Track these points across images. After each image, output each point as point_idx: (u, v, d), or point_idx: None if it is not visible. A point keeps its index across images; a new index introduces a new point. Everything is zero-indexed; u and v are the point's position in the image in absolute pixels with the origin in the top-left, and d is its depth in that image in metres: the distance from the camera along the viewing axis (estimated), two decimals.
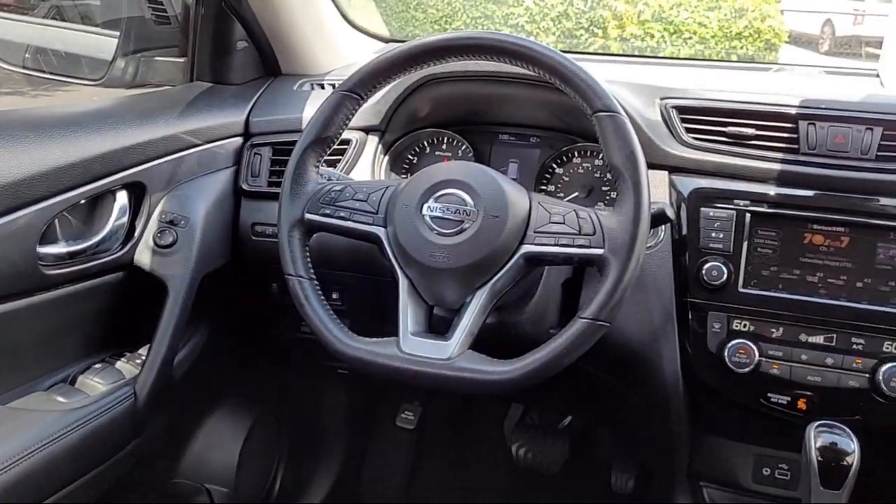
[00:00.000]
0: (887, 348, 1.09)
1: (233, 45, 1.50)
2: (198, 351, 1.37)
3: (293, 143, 1.09)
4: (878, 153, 1.12)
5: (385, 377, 0.99)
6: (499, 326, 1.14)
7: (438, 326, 1.01)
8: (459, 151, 1.38)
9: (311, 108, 1.34)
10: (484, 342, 0.97)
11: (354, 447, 1.91)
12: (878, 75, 1.46)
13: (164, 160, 1.25)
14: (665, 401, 1.21)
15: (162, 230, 1.24)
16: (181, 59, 1.54)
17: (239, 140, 1.39)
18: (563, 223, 0.96)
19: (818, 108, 1.15)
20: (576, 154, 1.32)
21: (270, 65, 1.56)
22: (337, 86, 1.08)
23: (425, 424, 1.88)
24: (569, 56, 0.98)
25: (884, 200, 1.12)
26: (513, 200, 0.98)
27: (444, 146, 1.39)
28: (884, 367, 1.07)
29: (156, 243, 1.24)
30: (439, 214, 0.99)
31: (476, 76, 1.29)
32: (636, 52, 3.87)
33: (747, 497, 1.33)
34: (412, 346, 0.97)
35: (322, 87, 1.47)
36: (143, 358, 1.23)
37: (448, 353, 0.95)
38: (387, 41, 1.80)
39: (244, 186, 1.36)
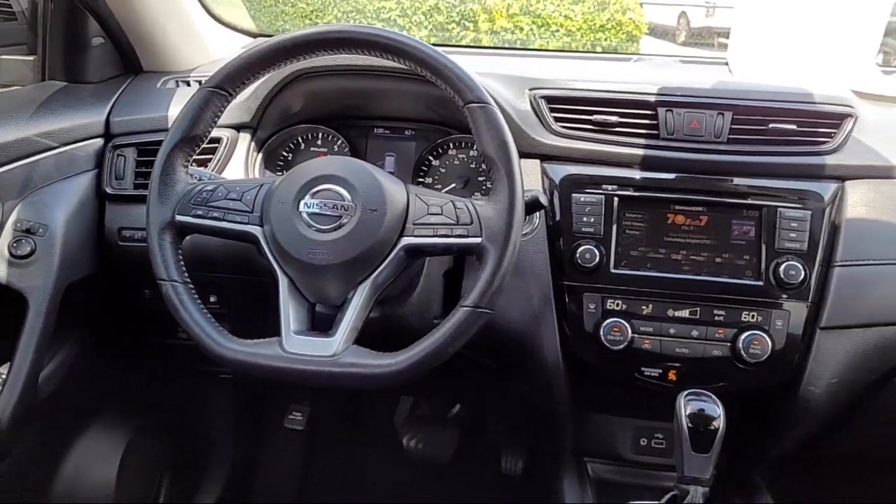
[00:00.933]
0: (745, 318, 1.17)
1: (87, 42, 1.42)
2: (66, 365, 1.29)
3: (159, 142, 1.04)
4: (730, 136, 1.20)
5: (269, 378, 0.97)
6: (383, 320, 1.15)
7: (321, 324, 1.00)
8: (335, 147, 1.37)
9: (177, 106, 1.29)
10: (369, 337, 0.97)
11: (243, 453, 1.86)
12: (727, 63, 1.55)
13: (16, 165, 1.17)
14: (548, 382, 1.25)
15: (18, 240, 1.16)
16: (31, 58, 1.44)
17: (99, 141, 1.32)
18: (441, 214, 0.97)
19: (674, 95, 1.22)
20: (451, 146, 1.34)
21: (130, 62, 1.48)
22: (203, 82, 1.04)
23: (315, 424, 1.86)
24: (440, 49, 0.99)
25: (737, 180, 1.20)
26: (390, 194, 0.98)
27: (318, 142, 1.38)
28: (743, 336, 1.15)
29: (11, 254, 1.16)
30: (317, 211, 0.97)
31: (348, 70, 1.28)
32: (507, 45, 3.95)
33: (628, 467, 1.40)
34: (295, 346, 0.95)
35: (188, 83, 1.42)
36: (4, 377, 1.15)
37: (332, 349, 0.94)
38: (255, 36, 1.76)
39: (108, 190, 1.30)
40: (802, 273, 1.14)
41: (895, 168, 1.20)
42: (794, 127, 1.19)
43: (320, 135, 1.37)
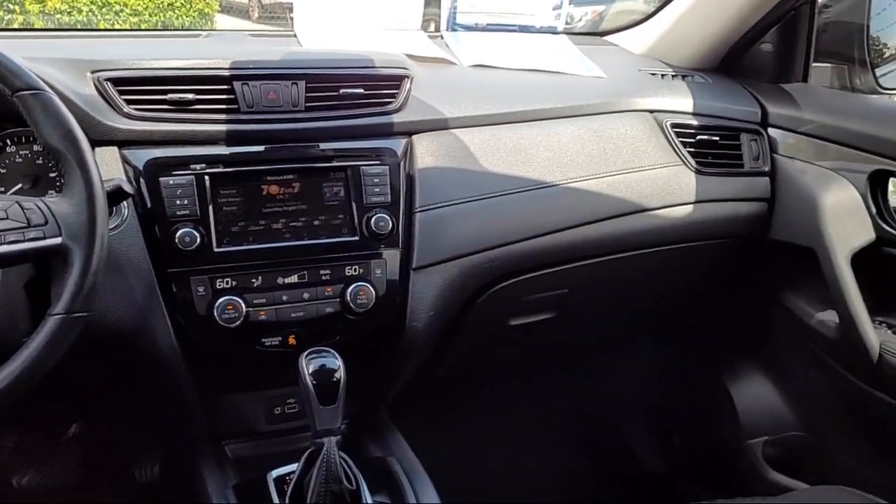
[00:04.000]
0: (349, 272, 1.24)
1: None
2: None
3: None
4: (306, 104, 1.25)
5: None
6: None
7: None
8: None
9: None
10: None
11: None
12: (296, 35, 1.61)
13: None
14: (167, 374, 1.20)
15: None
16: None
17: None
18: (7, 218, 0.86)
19: (248, 68, 1.23)
20: (8, 142, 1.18)
21: None
22: None
23: None
24: None
25: (322, 145, 1.26)
26: None
27: None
28: (349, 289, 1.23)
29: None
30: None
31: None
32: (66, 27, 3.57)
33: (267, 439, 1.42)
34: None
35: None
36: None
37: None
38: None
39: None
40: (390, 223, 1.25)
41: (449, 120, 1.37)
42: (362, 91, 1.29)
43: None
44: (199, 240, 1.14)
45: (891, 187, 1.45)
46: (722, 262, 1.69)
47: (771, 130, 1.62)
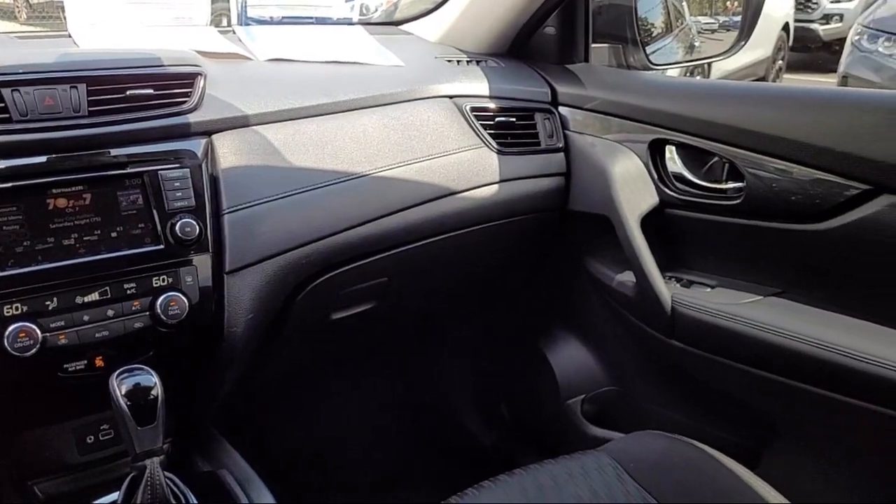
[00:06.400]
0: (156, 283, 1.18)
1: None
2: None
3: None
4: (90, 109, 1.16)
5: None
6: None
7: None
8: None
9: None
10: None
11: None
12: (70, 36, 1.49)
13: None
14: None
15: None
16: None
17: None
18: None
19: (17, 73, 1.12)
20: None
21: None
22: None
23: None
24: None
25: (113, 151, 1.17)
26: None
27: None
28: (159, 300, 1.16)
29: None
30: None
31: None
32: None
33: (83, 471, 1.32)
34: None
35: None
36: None
37: None
38: None
39: None
40: (197, 228, 1.19)
41: (250, 117, 1.33)
42: (151, 91, 1.22)
43: None
44: None
45: (667, 154, 1.60)
46: (529, 236, 1.79)
47: (561, 109, 1.73)
